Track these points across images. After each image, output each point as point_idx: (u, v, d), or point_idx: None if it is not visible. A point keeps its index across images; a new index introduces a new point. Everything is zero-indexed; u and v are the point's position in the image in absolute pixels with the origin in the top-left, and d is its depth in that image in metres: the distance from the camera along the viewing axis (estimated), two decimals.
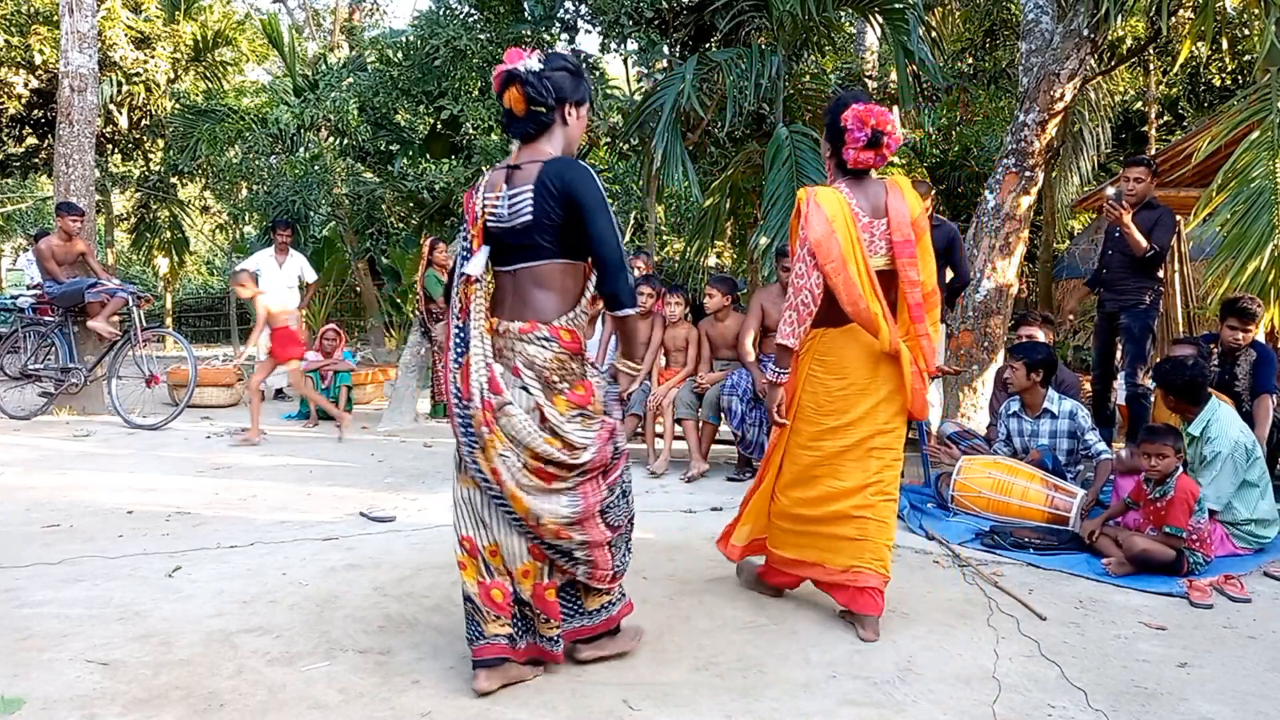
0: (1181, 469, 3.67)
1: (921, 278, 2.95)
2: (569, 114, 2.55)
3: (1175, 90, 13.20)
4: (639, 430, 5.86)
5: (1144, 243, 5.26)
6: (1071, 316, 6.21)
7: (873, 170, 3.00)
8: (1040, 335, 5.30)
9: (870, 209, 2.96)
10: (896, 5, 6.86)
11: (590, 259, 2.51)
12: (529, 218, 2.42)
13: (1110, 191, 5.50)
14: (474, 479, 2.49)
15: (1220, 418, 3.91)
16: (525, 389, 2.44)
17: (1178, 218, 7.97)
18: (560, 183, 2.40)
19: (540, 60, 2.49)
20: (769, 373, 3.03)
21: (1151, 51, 10.89)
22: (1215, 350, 5.00)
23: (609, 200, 2.50)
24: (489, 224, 2.48)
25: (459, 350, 2.47)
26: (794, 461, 3.09)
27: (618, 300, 2.46)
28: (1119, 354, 5.87)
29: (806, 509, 3.04)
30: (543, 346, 2.44)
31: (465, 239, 2.52)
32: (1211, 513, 3.78)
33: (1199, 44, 7.21)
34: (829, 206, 2.88)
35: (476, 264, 2.45)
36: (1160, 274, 5.52)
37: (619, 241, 2.46)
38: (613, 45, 8.36)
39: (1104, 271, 5.64)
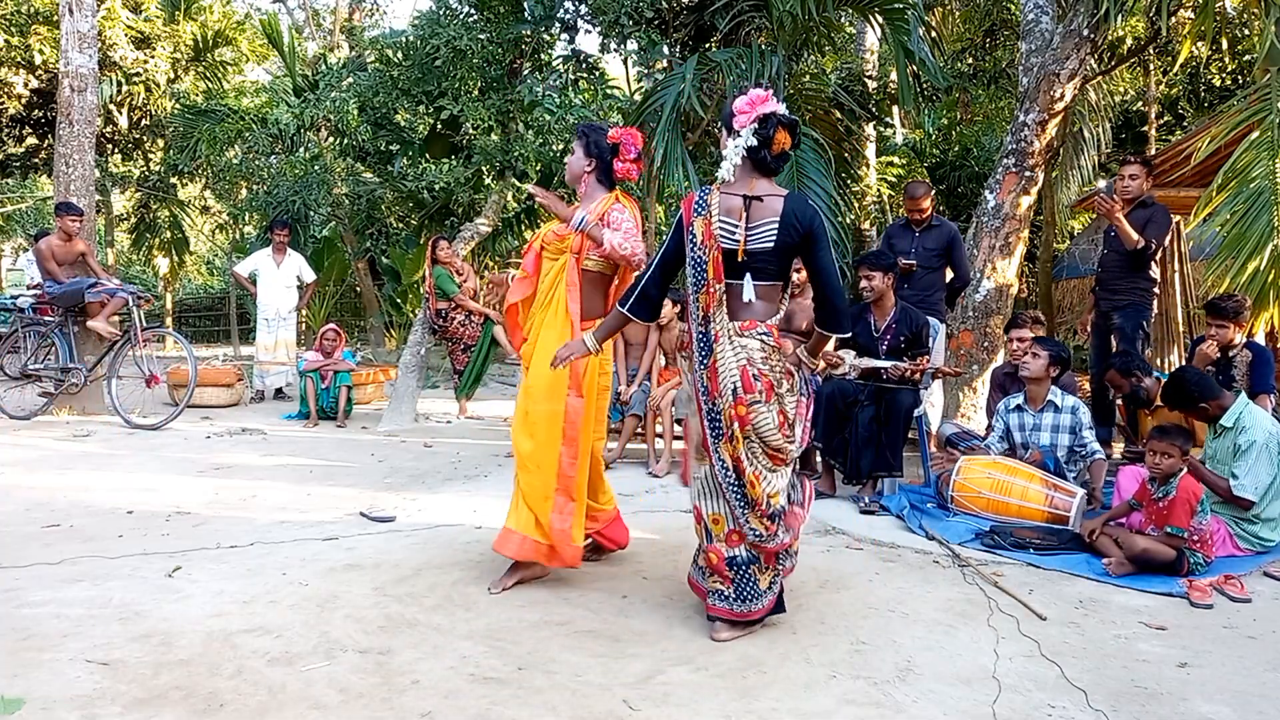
0: (1186, 470, 3.67)
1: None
2: None
3: (1175, 90, 13.20)
4: (639, 431, 5.86)
5: (1134, 234, 5.27)
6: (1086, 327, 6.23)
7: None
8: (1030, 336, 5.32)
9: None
10: (896, 5, 6.86)
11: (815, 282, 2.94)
12: (771, 244, 2.83)
13: (1101, 185, 5.51)
14: (712, 461, 2.88)
15: (1253, 409, 3.96)
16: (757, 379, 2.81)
17: (1176, 218, 7.96)
18: (803, 217, 2.83)
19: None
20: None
21: (1151, 51, 10.88)
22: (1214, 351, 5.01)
23: None
24: (724, 245, 2.83)
25: (704, 353, 2.84)
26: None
27: (838, 322, 2.91)
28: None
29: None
30: (762, 341, 2.84)
31: (697, 253, 2.85)
32: (1246, 504, 3.79)
33: (1199, 44, 7.20)
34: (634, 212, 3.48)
35: (749, 290, 2.85)
36: (1154, 274, 5.53)
37: (837, 271, 2.92)
38: (613, 45, 8.35)
39: (1100, 271, 5.67)
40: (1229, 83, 12.08)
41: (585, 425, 3.30)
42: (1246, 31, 10.08)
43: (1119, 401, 5.93)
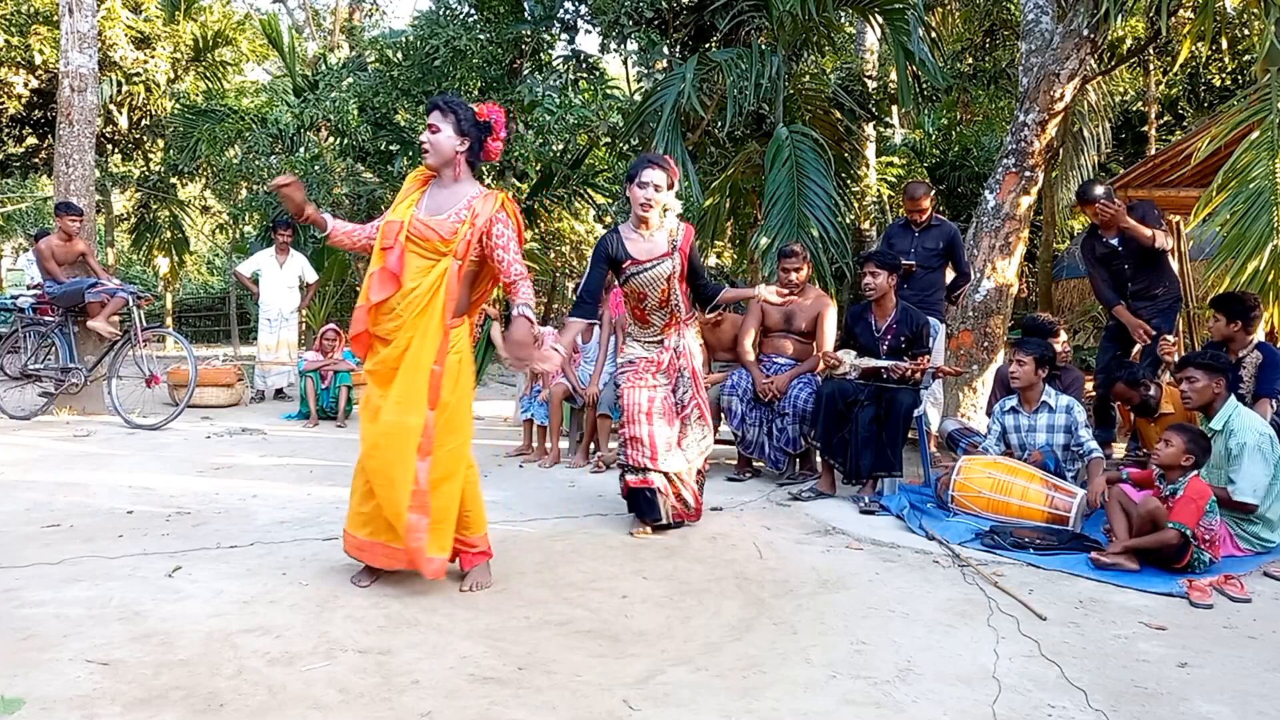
0: (1197, 472, 3.68)
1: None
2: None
3: (1175, 90, 13.19)
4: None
5: (1147, 231, 5.25)
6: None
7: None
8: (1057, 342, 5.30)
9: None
10: (896, 5, 6.86)
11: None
12: None
13: (1099, 190, 5.44)
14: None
15: (1242, 412, 3.97)
16: None
17: (1176, 218, 7.96)
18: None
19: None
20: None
21: (1151, 51, 10.88)
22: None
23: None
24: None
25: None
26: None
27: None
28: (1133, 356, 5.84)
29: None
30: None
31: None
32: (1250, 508, 3.80)
33: (1199, 44, 7.21)
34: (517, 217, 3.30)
35: None
36: (1174, 264, 5.48)
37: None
38: (613, 45, 8.36)
39: (1130, 285, 5.54)
40: (1229, 83, 12.08)
41: (440, 439, 3.12)
42: (1246, 31, 10.07)
43: (1121, 405, 5.92)
